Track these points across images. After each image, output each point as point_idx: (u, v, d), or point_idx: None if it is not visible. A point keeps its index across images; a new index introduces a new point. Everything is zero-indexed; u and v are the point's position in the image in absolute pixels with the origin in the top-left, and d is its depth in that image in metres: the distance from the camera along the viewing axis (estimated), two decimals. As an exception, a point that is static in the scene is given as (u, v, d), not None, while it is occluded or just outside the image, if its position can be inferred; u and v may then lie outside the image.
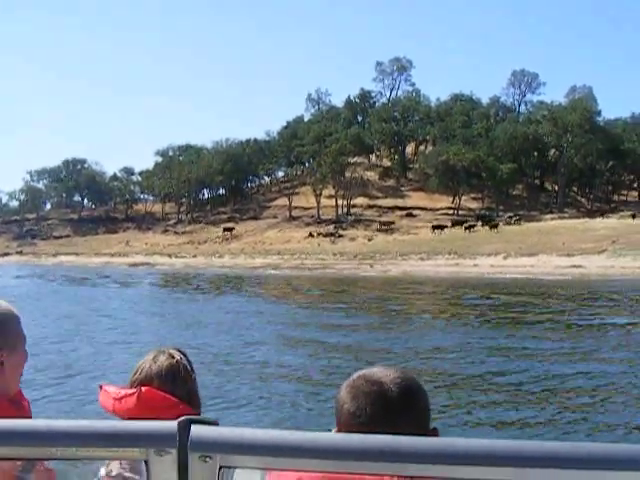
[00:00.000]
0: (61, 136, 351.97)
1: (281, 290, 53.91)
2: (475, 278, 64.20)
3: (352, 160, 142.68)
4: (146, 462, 1.35)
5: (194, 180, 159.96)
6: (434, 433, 2.36)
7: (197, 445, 1.31)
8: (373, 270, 78.95)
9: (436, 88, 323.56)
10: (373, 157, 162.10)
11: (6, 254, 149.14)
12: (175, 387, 3.72)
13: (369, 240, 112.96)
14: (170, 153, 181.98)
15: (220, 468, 1.35)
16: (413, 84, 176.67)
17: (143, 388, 3.65)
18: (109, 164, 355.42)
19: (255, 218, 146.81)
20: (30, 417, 3.24)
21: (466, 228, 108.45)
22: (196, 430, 1.32)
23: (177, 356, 3.87)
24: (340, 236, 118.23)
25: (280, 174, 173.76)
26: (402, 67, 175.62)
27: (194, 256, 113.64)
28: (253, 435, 1.34)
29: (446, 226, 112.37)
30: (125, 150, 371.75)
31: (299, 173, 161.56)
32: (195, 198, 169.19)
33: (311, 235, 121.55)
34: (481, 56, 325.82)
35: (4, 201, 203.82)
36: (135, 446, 1.34)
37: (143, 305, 39.43)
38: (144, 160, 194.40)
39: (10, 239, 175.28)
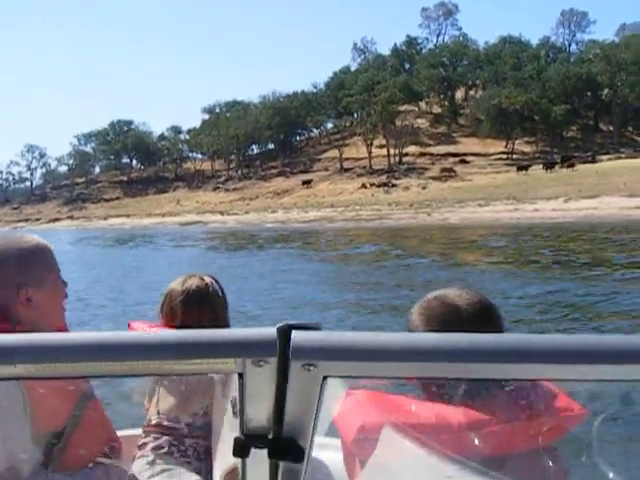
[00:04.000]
0: (107, 98, 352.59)
1: (338, 244, 52.66)
2: (539, 224, 62.46)
3: (402, 108, 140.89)
4: (240, 375, 1.28)
5: (242, 136, 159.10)
6: None
7: (300, 352, 1.21)
8: (431, 218, 77.54)
9: (483, 32, 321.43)
10: (423, 104, 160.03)
11: (57, 219, 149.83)
12: (202, 311, 3.69)
13: (423, 188, 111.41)
14: (217, 110, 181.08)
15: (324, 378, 1.27)
16: (460, 28, 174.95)
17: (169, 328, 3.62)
18: (156, 124, 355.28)
19: (306, 171, 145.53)
20: None
21: (547, 167, 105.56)
22: (298, 336, 1.21)
23: (207, 280, 3.80)
24: (393, 186, 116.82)
25: (329, 126, 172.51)
26: (448, 12, 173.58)
27: (246, 212, 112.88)
28: (358, 338, 1.25)
29: (529, 166, 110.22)
30: (171, 109, 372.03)
31: (348, 124, 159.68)
32: (244, 154, 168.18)
33: (364, 186, 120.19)
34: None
35: (53, 167, 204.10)
36: (229, 356, 1.24)
37: (200, 264, 38.37)
38: (191, 118, 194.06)
39: (61, 204, 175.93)
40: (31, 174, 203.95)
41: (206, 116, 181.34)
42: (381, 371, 1.31)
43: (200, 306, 3.70)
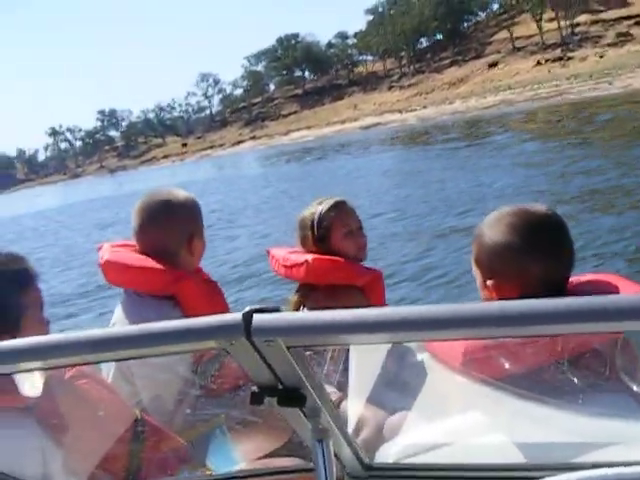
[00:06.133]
0: (270, 16, 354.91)
1: (524, 127, 52.06)
2: None
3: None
4: (227, 351, 1.49)
5: (409, 31, 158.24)
6: None
7: (258, 332, 1.40)
8: (613, 87, 75.83)
9: None
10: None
11: (240, 142, 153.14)
12: (329, 237, 3.96)
13: (600, 57, 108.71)
14: (380, 9, 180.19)
15: (288, 348, 1.46)
16: None
17: (309, 258, 3.85)
18: (321, 33, 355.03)
19: (478, 57, 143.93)
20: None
21: None
22: (258, 318, 1.40)
23: (327, 203, 4.02)
24: (570, 58, 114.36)
25: (495, 7, 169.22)
26: None
27: (424, 107, 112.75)
28: (306, 317, 1.43)
29: None
30: (334, 15, 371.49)
31: (514, 2, 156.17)
32: (414, 49, 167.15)
33: (539, 63, 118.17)
34: None
35: (228, 91, 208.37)
36: (208, 339, 1.47)
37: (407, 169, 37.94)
38: (355, 22, 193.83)
39: (241, 126, 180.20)
40: (209, 102, 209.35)
41: (370, 17, 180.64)
42: (333, 340, 1.50)
43: (328, 231, 3.96)
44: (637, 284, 2.33)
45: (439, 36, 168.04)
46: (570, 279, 2.36)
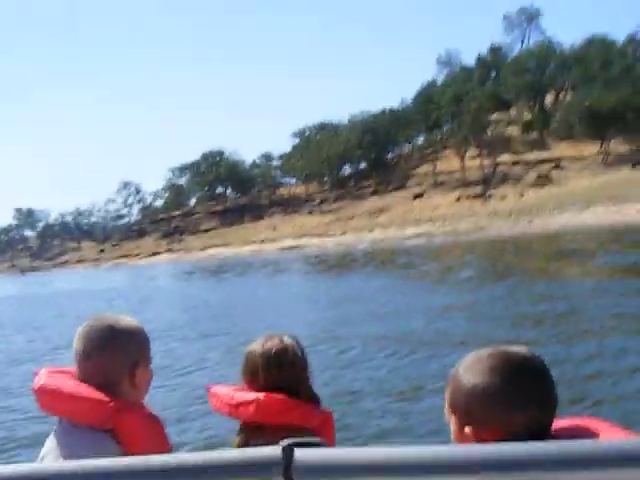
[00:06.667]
0: (195, 128, 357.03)
1: (438, 263, 52.33)
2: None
3: (491, 117, 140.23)
4: None
5: (334, 157, 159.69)
6: None
7: (301, 471, 1.24)
8: (532, 227, 76.67)
9: (567, 34, 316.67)
10: (512, 112, 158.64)
11: (156, 253, 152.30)
12: (282, 373, 3.74)
13: (521, 196, 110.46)
14: (307, 133, 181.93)
15: None
16: (543, 32, 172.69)
17: (261, 395, 3.63)
18: (246, 152, 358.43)
19: (400, 188, 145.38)
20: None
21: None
22: (300, 455, 1.25)
23: (287, 341, 3.86)
24: (490, 196, 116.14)
25: (420, 141, 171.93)
26: (530, 16, 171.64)
27: (344, 233, 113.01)
28: (357, 455, 1.26)
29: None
30: (260, 136, 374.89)
31: (439, 137, 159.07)
32: (337, 175, 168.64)
33: (459, 199, 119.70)
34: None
35: (149, 201, 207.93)
36: (241, 477, 1.29)
37: (312, 294, 38.33)
38: (280, 144, 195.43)
39: (159, 237, 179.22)
40: (129, 210, 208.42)
41: (296, 140, 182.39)
42: None
43: (279, 369, 3.76)
44: (618, 427, 2.22)
45: (363, 164, 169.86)
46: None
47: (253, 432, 3.71)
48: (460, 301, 26.84)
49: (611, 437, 2.07)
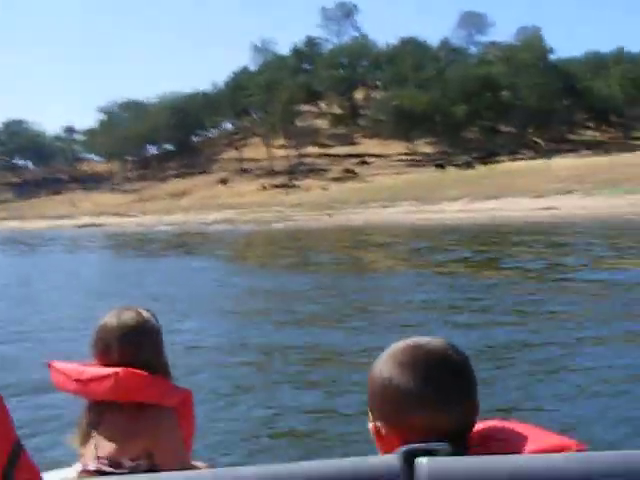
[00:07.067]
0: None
1: (240, 248, 51.08)
2: (450, 224, 61.43)
3: (301, 109, 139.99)
4: None
5: (140, 137, 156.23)
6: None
7: None
8: (333, 220, 76.24)
9: (383, 33, 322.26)
10: (323, 105, 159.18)
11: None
12: (141, 347, 3.48)
13: (324, 190, 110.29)
14: (114, 110, 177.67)
15: None
16: (359, 29, 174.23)
17: (119, 370, 3.32)
18: (50, 124, 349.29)
19: (205, 172, 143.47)
20: None
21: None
22: (423, 465, 1.16)
23: (145, 313, 3.57)
24: (294, 187, 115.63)
25: (228, 126, 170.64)
26: (348, 12, 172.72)
27: (144, 214, 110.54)
28: (492, 465, 1.20)
29: (443, 165, 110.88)
30: (65, 109, 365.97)
31: (248, 125, 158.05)
32: (141, 155, 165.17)
33: (264, 187, 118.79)
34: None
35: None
36: None
37: (91, 273, 36.13)
38: (87, 118, 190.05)
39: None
40: None
41: (102, 116, 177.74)
42: None
43: (139, 344, 3.43)
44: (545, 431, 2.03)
45: (169, 146, 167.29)
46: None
47: (104, 411, 3.40)
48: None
49: (535, 440, 1.93)
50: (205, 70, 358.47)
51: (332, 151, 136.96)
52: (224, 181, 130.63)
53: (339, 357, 13.45)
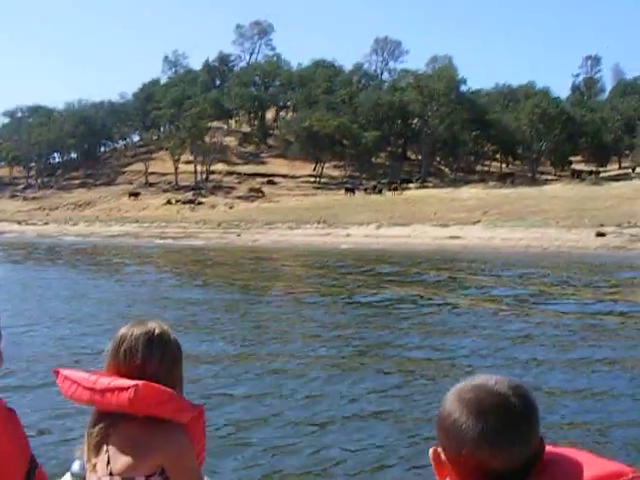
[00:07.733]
0: None
1: (148, 262, 49.93)
2: (357, 249, 61.15)
3: (211, 125, 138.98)
4: None
5: (45, 143, 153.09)
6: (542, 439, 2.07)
7: None
8: (240, 240, 75.45)
9: (297, 54, 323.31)
10: (232, 122, 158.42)
11: None
12: (164, 357, 3.40)
13: (230, 208, 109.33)
14: (19, 114, 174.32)
15: None
16: (274, 49, 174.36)
17: (140, 383, 3.20)
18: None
19: (109, 184, 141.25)
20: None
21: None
22: None
23: (166, 326, 3.52)
24: (200, 203, 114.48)
25: (135, 138, 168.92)
26: (263, 31, 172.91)
27: (46, 223, 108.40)
28: None
29: (354, 189, 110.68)
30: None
31: (155, 138, 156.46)
32: (46, 162, 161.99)
33: (169, 202, 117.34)
34: (343, 23, 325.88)
35: None
36: None
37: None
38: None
39: None
40: None
41: (6, 120, 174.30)
42: None
43: (164, 350, 3.39)
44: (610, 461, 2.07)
45: (74, 154, 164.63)
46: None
47: (114, 422, 3.32)
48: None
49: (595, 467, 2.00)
50: (115, 81, 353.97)
51: (240, 169, 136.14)
52: (130, 194, 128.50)
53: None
